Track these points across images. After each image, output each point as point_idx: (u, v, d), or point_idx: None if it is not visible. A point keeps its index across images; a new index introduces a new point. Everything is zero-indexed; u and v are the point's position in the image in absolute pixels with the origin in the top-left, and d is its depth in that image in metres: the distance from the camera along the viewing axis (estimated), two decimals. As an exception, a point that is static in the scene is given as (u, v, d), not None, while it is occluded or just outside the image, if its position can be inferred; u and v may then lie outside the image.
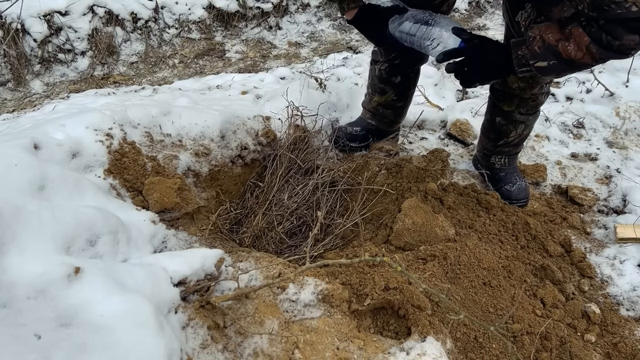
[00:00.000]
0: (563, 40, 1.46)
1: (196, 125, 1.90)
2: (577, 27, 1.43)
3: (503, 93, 2.05)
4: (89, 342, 0.89)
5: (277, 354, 1.20)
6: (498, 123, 2.15)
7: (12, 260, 0.95)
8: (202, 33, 3.96)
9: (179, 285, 1.19)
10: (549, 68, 1.53)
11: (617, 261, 1.98)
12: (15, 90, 3.36)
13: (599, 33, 1.39)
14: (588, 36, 1.41)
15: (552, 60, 1.51)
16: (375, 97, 2.32)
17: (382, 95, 2.29)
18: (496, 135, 2.19)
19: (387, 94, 2.27)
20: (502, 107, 2.08)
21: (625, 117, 2.71)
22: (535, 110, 2.09)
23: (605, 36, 1.39)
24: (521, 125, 2.12)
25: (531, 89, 1.94)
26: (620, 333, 1.71)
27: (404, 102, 2.33)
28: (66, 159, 1.49)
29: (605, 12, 1.34)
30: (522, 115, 2.06)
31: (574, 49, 1.45)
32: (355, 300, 1.40)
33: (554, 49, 1.48)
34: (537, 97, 2.01)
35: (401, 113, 2.39)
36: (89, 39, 3.60)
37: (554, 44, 1.48)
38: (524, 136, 2.19)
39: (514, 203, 2.15)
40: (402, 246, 1.78)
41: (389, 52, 2.17)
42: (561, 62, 1.49)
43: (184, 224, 1.62)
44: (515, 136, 2.15)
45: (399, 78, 2.21)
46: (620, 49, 1.40)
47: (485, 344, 1.47)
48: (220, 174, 1.97)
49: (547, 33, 1.49)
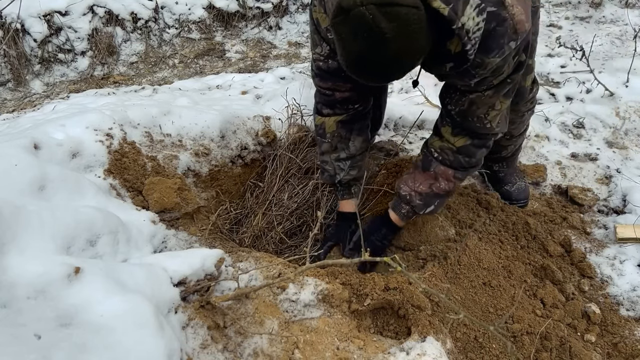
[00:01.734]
0: (434, 183, 1.65)
1: (196, 125, 1.90)
2: (439, 166, 1.63)
3: None
4: (89, 342, 0.89)
5: (277, 354, 1.20)
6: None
7: (12, 260, 0.95)
8: (202, 33, 3.96)
9: (179, 285, 1.19)
10: (436, 208, 1.71)
11: (617, 261, 1.98)
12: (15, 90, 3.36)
13: (457, 159, 1.60)
14: (450, 169, 1.62)
15: (435, 201, 1.69)
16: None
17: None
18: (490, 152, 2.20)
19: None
20: None
21: (625, 117, 2.71)
22: (519, 134, 2.09)
23: (463, 158, 1.60)
24: (511, 146, 2.13)
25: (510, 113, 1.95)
26: (620, 333, 1.71)
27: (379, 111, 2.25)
28: (66, 159, 1.49)
29: (466, 122, 1.54)
30: (508, 140, 2.09)
31: (445, 184, 1.65)
32: (355, 300, 1.40)
33: (432, 194, 1.66)
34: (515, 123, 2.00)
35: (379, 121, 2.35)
36: (89, 39, 3.60)
37: (429, 190, 1.66)
38: (517, 149, 2.19)
39: (514, 203, 2.15)
40: (402, 246, 1.78)
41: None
42: (442, 198, 1.69)
43: (184, 224, 1.62)
44: (508, 152, 2.16)
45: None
46: (476, 163, 1.64)
47: (485, 344, 1.47)
48: (220, 174, 1.97)
49: (418, 187, 1.67)
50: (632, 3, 3.78)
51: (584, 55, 2.88)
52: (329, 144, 1.72)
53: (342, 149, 1.73)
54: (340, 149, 1.73)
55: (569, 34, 3.61)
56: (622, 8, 3.75)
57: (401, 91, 2.93)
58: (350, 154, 1.74)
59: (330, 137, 1.71)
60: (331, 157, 1.75)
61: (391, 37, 1.12)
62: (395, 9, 1.11)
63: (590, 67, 2.88)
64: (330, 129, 1.69)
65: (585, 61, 2.90)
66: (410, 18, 1.12)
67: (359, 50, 1.17)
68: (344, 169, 1.75)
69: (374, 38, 1.12)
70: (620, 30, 3.58)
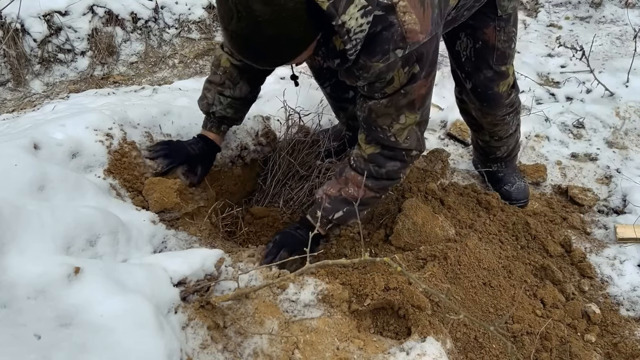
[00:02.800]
0: (344, 187, 1.63)
1: (196, 125, 1.90)
2: (350, 171, 1.62)
3: (470, 123, 2.13)
4: (89, 342, 0.89)
5: (277, 354, 1.20)
6: (482, 145, 2.21)
7: (12, 260, 0.95)
8: (202, 33, 3.95)
9: (179, 285, 1.18)
10: (346, 215, 1.65)
11: (617, 261, 1.98)
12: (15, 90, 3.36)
13: (367, 166, 1.57)
14: (360, 175, 1.58)
15: (343, 207, 1.63)
16: (341, 113, 2.28)
17: (345, 111, 2.25)
18: (485, 152, 2.24)
19: (349, 108, 2.21)
20: (478, 136, 2.16)
21: (625, 117, 2.71)
22: (508, 135, 2.10)
23: (373, 167, 1.57)
24: (503, 147, 2.15)
25: (485, 118, 2.00)
26: (620, 333, 1.71)
27: None
28: (66, 159, 1.48)
29: (372, 131, 1.53)
30: (498, 141, 2.11)
31: (354, 190, 1.61)
32: (355, 300, 1.40)
33: (340, 198, 1.63)
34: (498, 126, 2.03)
35: None
36: (89, 39, 3.59)
37: (337, 194, 1.63)
38: (512, 148, 2.21)
39: (514, 203, 2.15)
40: (402, 246, 1.78)
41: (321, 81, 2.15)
42: (351, 205, 1.60)
43: (184, 224, 1.62)
44: (503, 152, 2.18)
45: (351, 93, 2.12)
46: (389, 175, 1.60)
47: (485, 344, 1.47)
48: (220, 174, 1.97)
49: (329, 189, 1.65)
50: (632, 3, 3.78)
51: (584, 55, 2.89)
52: (219, 77, 1.73)
53: (228, 87, 1.73)
54: (226, 86, 1.73)
55: (569, 34, 3.61)
56: (622, 8, 3.75)
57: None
58: (234, 96, 1.74)
59: (222, 72, 1.72)
60: (216, 88, 1.75)
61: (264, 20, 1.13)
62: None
63: (590, 67, 2.88)
64: (224, 64, 1.71)
65: (585, 61, 2.90)
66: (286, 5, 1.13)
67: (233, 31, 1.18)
68: (223, 103, 1.75)
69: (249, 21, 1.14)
70: (620, 30, 3.58)
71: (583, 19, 3.80)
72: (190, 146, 1.74)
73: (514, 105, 2.00)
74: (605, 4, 3.82)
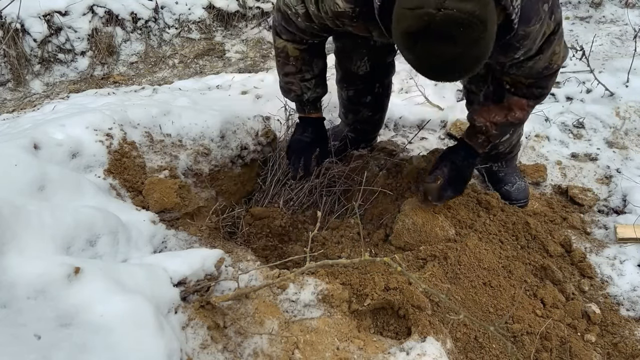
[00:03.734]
0: (509, 113, 1.70)
1: (196, 125, 1.90)
2: (511, 97, 1.67)
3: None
4: (89, 342, 0.89)
5: (277, 354, 1.20)
6: None
7: (12, 260, 0.95)
8: (202, 33, 3.95)
9: (179, 285, 1.18)
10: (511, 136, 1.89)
11: (617, 261, 1.98)
12: (15, 90, 3.36)
13: (530, 90, 1.65)
14: (524, 98, 1.66)
15: (509, 130, 1.83)
16: (350, 115, 2.28)
17: (356, 114, 2.25)
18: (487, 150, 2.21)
19: (362, 112, 2.22)
20: None
21: (625, 117, 2.71)
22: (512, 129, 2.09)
23: (536, 90, 1.65)
24: (506, 142, 2.13)
25: None
26: (620, 333, 1.71)
27: (380, 113, 2.30)
28: (66, 159, 1.48)
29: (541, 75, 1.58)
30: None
31: (520, 113, 1.70)
32: (355, 300, 1.40)
33: (507, 123, 1.73)
34: None
35: (380, 123, 2.36)
36: (89, 39, 3.59)
37: (504, 120, 1.71)
38: (514, 145, 2.19)
39: (514, 203, 2.15)
40: (402, 246, 1.78)
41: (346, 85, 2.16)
42: (515, 126, 1.84)
43: (184, 224, 1.62)
44: (505, 148, 2.16)
45: (369, 98, 2.16)
46: (546, 94, 1.71)
47: (485, 344, 1.47)
48: (220, 174, 1.97)
49: (493, 117, 1.72)
50: (632, 3, 3.78)
51: (584, 55, 2.88)
52: (294, 66, 1.80)
53: (306, 71, 1.82)
54: (304, 71, 1.82)
55: (569, 34, 3.61)
56: (622, 8, 3.75)
57: (401, 91, 2.93)
58: (315, 74, 1.84)
59: (294, 61, 1.79)
60: (296, 78, 1.83)
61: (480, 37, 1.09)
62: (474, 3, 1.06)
63: (590, 67, 2.87)
64: (294, 54, 1.77)
65: (585, 61, 2.90)
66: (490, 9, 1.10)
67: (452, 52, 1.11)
68: (311, 87, 1.86)
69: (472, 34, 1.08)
70: (620, 30, 3.58)
71: (583, 19, 3.80)
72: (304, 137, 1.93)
73: None
74: (605, 4, 3.82)
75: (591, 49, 3.10)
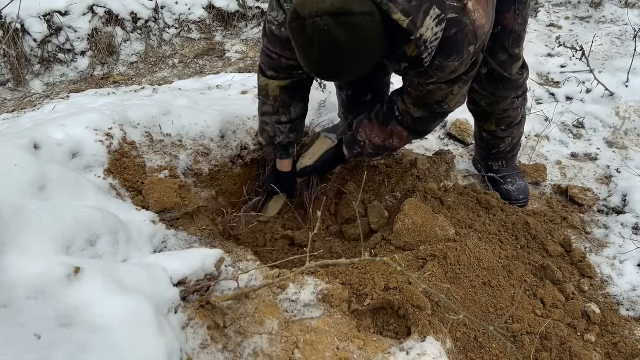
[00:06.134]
0: (388, 139, 1.78)
1: (196, 125, 1.90)
2: (397, 125, 1.74)
3: (478, 113, 2.12)
4: (89, 342, 0.89)
5: (277, 354, 1.20)
6: (486, 138, 2.19)
7: (12, 260, 0.95)
8: (202, 33, 3.95)
9: (179, 285, 1.19)
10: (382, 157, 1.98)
11: (617, 261, 1.98)
12: (15, 90, 3.36)
13: (415, 125, 1.72)
14: (406, 131, 1.74)
15: (383, 153, 1.88)
16: (350, 115, 2.25)
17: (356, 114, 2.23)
18: (488, 147, 2.23)
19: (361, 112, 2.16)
20: (484, 126, 2.15)
21: (625, 117, 2.71)
22: (515, 124, 2.10)
23: (420, 126, 1.73)
24: (508, 138, 2.14)
25: (497, 104, 2.00)
26: (620, 333, 1.71)
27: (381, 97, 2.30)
28: (66, 159, 1.48)
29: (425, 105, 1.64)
30: (505, 131, 2.10)
31: (399, 142, 1.79)
32: (355, 300, 1.40)
33: (383, 147, 1.81)
34: (507, 112, 2.03)
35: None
36: (89, 39, 3.59)
37: (382, 144, 1.79)
38: (515, 143, 2.20)
39: (514, 203, 2.15)
40: (402, 246, 1.78)
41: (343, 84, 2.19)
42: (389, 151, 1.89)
43: (184, 224, 1.62)
44: (507, 145, 2.17)
45: (368, 97, 2.15)
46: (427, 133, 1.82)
47: (485, 344, 1.47)
48: (220, 174, 1.97)
49: (374, 138, 1.79)
50: (632, 3, 3.78)
51: (584, 55, 2.89)
52: (271, 106, 1.79)
53: (283, 113, 1.80)
54: (281, 113, 1.80)
55: (569, 34, 3.61)
56: (622, 8, 3.75)
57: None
58: (291, 119, 1.82)
59: (273, 101, 1.77)
60: (272, 119, 1.82)
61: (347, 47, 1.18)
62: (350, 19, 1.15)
63: (590, 67, 2.88)
64: (274, 93, 1.75)
65: (585, 61, 2.90)
66: (364, 26, 1.17)
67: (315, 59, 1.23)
68: (284, 132, 1.84)
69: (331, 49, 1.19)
70: (620, 30, 3.59)
71: (583, 19, 3.80)
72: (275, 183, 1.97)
73: (523, 87, 2.01)
74: (605, 4, 3.82)
75: (591, 49, 3.11)
